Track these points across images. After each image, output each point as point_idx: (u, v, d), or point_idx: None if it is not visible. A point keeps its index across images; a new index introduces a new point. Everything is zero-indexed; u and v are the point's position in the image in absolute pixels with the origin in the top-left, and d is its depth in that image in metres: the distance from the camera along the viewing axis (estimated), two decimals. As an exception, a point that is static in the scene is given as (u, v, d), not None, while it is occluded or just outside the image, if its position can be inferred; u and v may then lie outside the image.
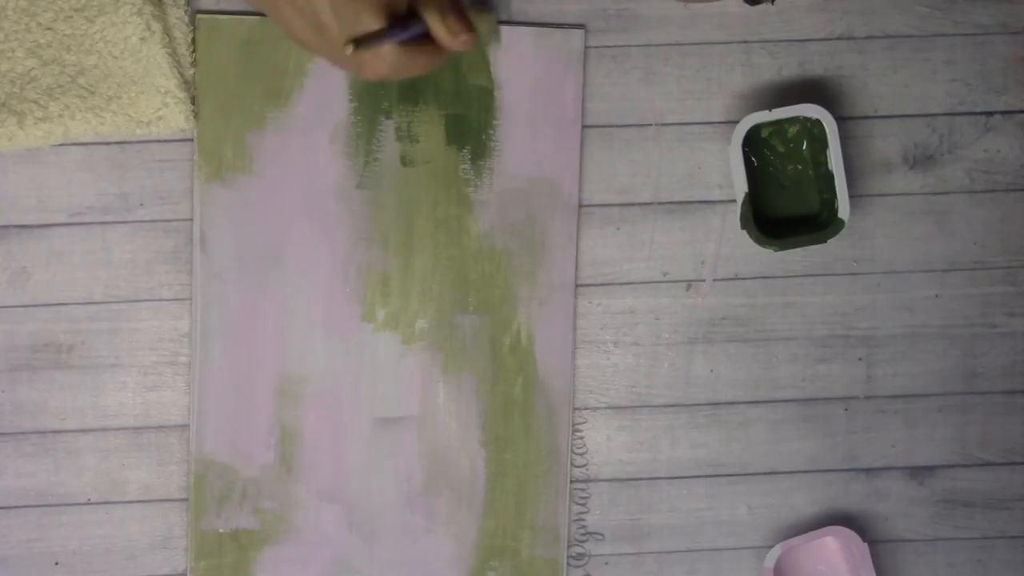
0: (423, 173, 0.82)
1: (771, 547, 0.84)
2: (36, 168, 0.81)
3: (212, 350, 0.82)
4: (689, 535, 0.86)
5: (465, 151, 0.83)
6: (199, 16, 0.81)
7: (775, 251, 0.82)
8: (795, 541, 0.84)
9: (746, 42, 0.83)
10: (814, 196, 0.84)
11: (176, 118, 0.80)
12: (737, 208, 0.81)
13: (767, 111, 0.81)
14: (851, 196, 0.82)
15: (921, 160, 0.84)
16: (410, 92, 0.82)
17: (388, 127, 0.82)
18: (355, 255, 0.83)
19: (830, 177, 0.81)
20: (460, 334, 0.83)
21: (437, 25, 0.66)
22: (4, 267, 0.82)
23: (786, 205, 0.84)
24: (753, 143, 0.83)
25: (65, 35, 0.79)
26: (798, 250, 0.84)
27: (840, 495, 0.86)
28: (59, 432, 0.83)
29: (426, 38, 0.67)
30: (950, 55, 0.84)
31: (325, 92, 0.82)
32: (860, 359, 0.85)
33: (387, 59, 0.66)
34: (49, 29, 0.78)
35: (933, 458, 0.86)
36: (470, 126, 0.83)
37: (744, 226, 0.81)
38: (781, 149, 0.84)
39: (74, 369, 0.83)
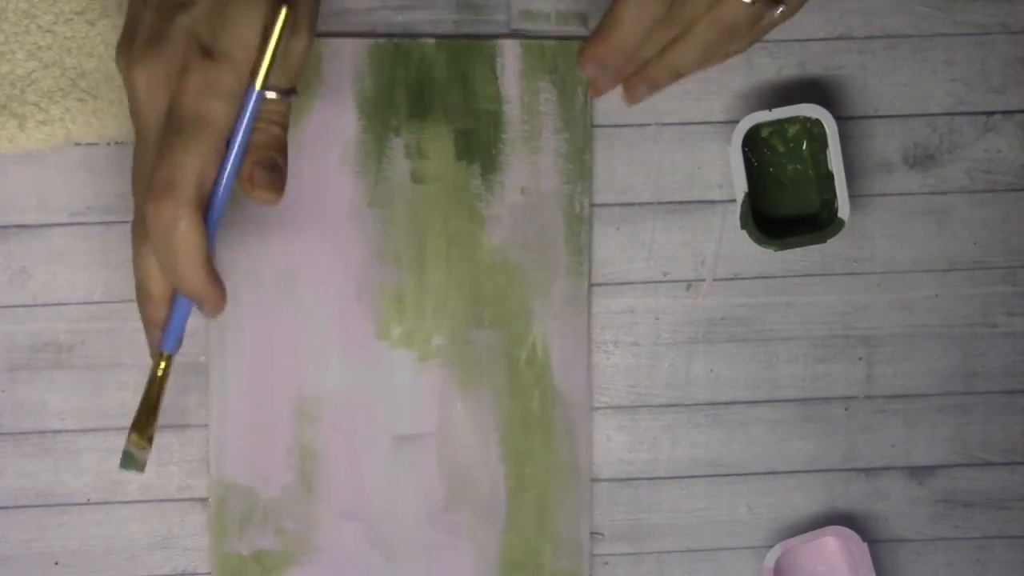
0: (434, 189, 0.82)
1: (771, 547, 0.84)
2: (36, 168, 0.81)
3: (229, 373, 0.82)
4: (689, 535, 0.86)
5: (475, 166, 0.82)
6: None
7: (775, 251, 0.82)
8: (795, 541, 0.84)
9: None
10: (814, 196, 0.84)
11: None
12: (737, 208, 0.81)
13: (767, 111, 0.81)
14: (851, 196, 0.82)
15: (921, 160, 0.84)
16: (418, 108, 0.82)
17: (397, 144, 0.82)
18: (369, 273, 0.82)
19: (830, 177, 0.81)
20: (476, 349, 0.83)
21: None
22: (4, 267, 0.82)
23: (786, 205, 0.84)
24: (753, 143, 0.83)
25: (65, 38, 0.78)
26: (798, 250, 0.84)
27: (840, 495, 0.86)
28: (59, 432, 0.83)
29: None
30: (950, 55, 0.84)
31: (334, 112, 0.81)
32: (860, 359, 0.85)
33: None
34: (49, 32, 0.78)
35: (933, 458, 0.86)
36: (479, 141, 0.82)
37: (744, 226, 0.81)
38: (781, 149, 0.84)
39: (74, 369, 0.83)
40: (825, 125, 0.81)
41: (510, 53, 0.82)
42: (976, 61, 0.84)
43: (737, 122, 0.81)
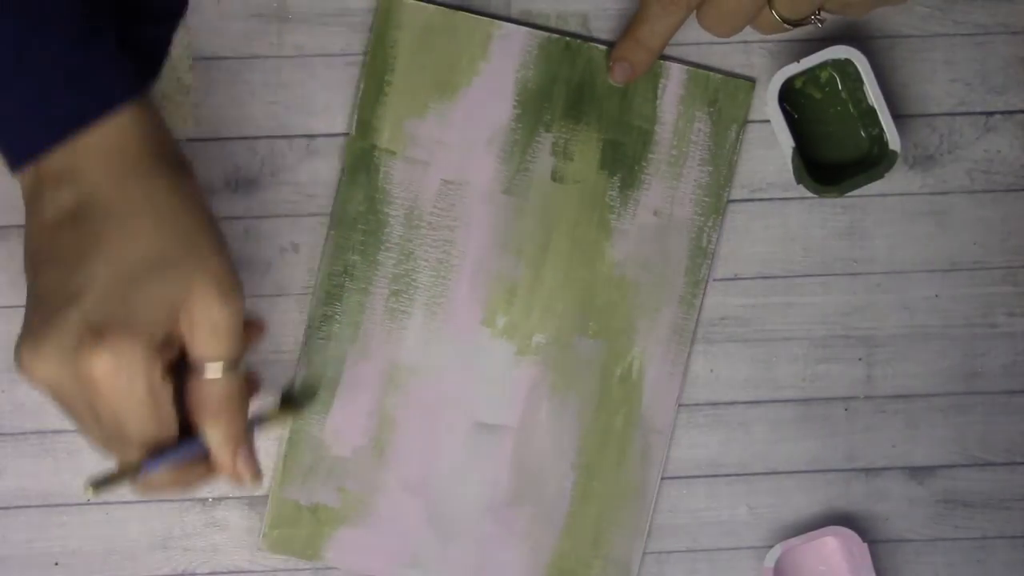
0: (571, 192, 0.82)
1: (771, 547, 0.84)
2: (36, 168, 0.81)
3: None
4: (689, 535, 0.86)
5: (616, 178, 0.82)
6: None
7: (836, 197, 0.82)
8: (795, 541, 0.84)
9: (746, 42, 0.83)
10: (861, 134, 0.83)
11: (173, 120, 0.80)
12: (788, 164, 0.81)
13: (796, 62, 0.80)
14: (852, 195, 0.82)
15: (921, 160, 0.84)
16: (574, 110, 0.82)
17: (546, 140, 0.82)
18: (488, 258, 0.83)
19: (872, 112, 0.81)
20: (574, 355, 0.83)
21: (223, 455, 0.68)
22: (4, 267, 0.82)
23: (837, 150, 0.84)
24: (789, 97, 0.82)
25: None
26: (797, 249, 0.84)
27: (840, 495, 0.86)
28: (59, 432, 0.83)
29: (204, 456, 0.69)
30: (950, 55, 0.84)
31: (492, 93, 0.82)
32: (860, 359, 0.85)
33: (160, 483, 0.68)
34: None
35: (933, 458, 0.86)
36: (625, 155, 0.82)
37: (799, 180, 0.81)
38: (818, 96, 0.83)
39: (74, 369, 0.82)
40: (856, 63, 0.80)
41: (675, 77, 0.82)
42: (976, 61, 0.84)
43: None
